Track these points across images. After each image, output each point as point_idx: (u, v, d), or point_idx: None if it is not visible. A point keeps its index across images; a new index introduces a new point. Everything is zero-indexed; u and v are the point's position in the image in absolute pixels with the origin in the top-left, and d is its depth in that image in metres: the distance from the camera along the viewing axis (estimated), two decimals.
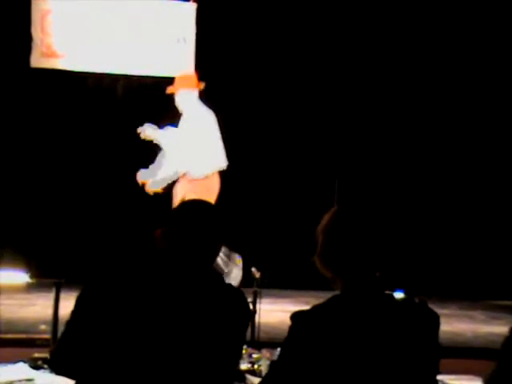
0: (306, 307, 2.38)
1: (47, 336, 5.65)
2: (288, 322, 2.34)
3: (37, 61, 9.24)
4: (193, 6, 9.55)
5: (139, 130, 7.10)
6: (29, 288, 6.87)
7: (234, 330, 2.54)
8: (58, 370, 2.57)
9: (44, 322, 6.00)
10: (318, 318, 2.32)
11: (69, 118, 9.19)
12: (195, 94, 7.27)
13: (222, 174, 7.10)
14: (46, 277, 6.46)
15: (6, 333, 5.88)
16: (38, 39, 9.24)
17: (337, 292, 2.39)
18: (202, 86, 7.36)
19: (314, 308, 2.36)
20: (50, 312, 5.77)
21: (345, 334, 2.30)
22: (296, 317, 2.34)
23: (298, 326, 2.32)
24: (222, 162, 7.13)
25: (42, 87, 9.25)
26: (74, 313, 2.55)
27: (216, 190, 7.01)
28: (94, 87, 8.14)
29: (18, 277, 6.14)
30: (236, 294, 2.58)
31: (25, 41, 9.13)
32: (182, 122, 7.15)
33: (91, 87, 8.96)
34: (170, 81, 9.24)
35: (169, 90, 7.26)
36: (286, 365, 2.34)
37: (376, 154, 9.89)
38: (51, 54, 9.28)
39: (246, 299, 2.60)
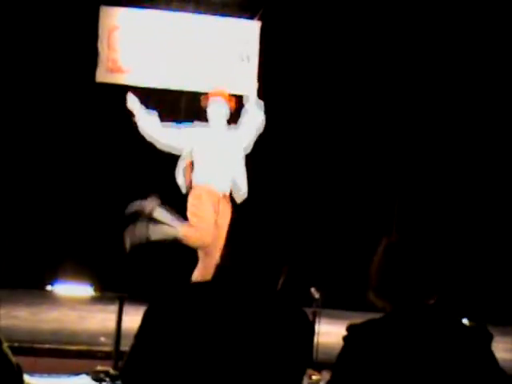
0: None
1: (108, 349, 5.73)
2: None
3: (102, 76, 9.39)
4: (257, 24, 9.61)
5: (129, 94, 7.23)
6: (92, 301, 6.98)
7: (297, 350, 2.57)
8: None
9: (104, 335, 6.09)
10: (372, 331, 2.45)
11: (132, 133, 9.29)
12: (226, 105, 7.32)
13: (281, 193, 7.16)
14: (110, 291, 6.55)
15: (69, 344, 5.98)
16: (104, 55, 9.39)
17: None
18: (234, 103, 7.44)
19: (369, 321, 2.51)
20: (110, 325, 5.87)
21: (397, 348, 2.44)
22: (351, 329, 2.47)
23: (353, 337, 2.46)
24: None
25: (106, 102, 9.37)
26: (141, 329, 2.60)
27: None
28: (158, 102, 8.20)
29: (82, 290, 6.24)
30: (300, 314, 2.61)
31: (91, 56, 9.30)
32: (211, 133, 7.19)
33: (155, 102, 9.05)
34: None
35: (202, 100, 7.39)
36: (341, 374, 2.44)
37: (436, 178, 9.83)
38: (117, 70, 9.42)
39: (309, 320, 2.64)
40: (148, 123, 7.25)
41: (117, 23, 9.40)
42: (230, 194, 7.22)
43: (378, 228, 9.21)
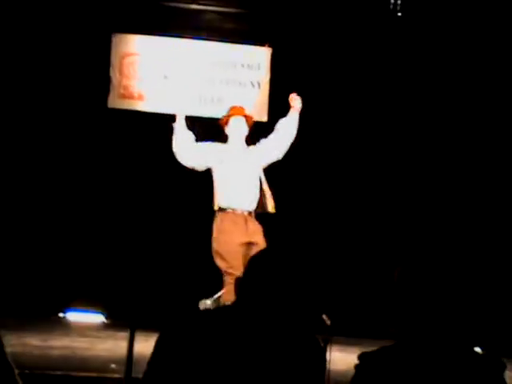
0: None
1: (117, 375, 5.72)
2: None
3: (114, 102, 9.47)
4: (268, 51, 9.68)
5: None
6: (103, 328, 6.98)
7: (308, 378, 2.57)
8: None
9: (115, 362, 6.07)
10: (384, 359, 2.42)
11: (144, 157, 9.33)
12: (244, 121, 7.35)
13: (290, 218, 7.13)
14: (121, 318, 6.55)
15: (80, 371, 5.96)
16: (116, 81, 9.48)
17: None
18: (253, 118, 7.48)
19: (381, 350, 2.48)
20: (120, 352, 5.85)
21: (409, 377, 2.41)
22: (364, 357, 2.44)
23: (365, 366, 2.42)
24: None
25: (118, 127, 9.42)
26: (153, 356, 2.60)
27: None
28: (170, 128, 8.23)
29: (94, 317, 6.25)
30: (312, 341, 2.61)
31: (103, 82, 9.36)
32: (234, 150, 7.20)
33: (167, 128, 9.08)
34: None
35: (223, 119, 7.38)
36: None
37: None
38: (129, 96, 9.50)
39: (321, 347, 2.63)
40: (185, 138, 7.25)
41: (129, 50, 9.50)
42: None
43: (388, 256, 9.20)
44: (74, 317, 6.26)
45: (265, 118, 9.58)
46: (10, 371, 2.86)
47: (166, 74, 9.50)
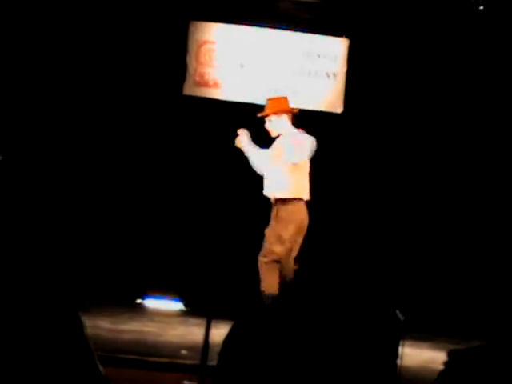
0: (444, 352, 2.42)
1: (189, 362, 5.76)
2: (429, 366, 2.36)
3: (190, 89, 9.51)
4: (344, 42, 9.59)
5: (240, 131, 7.29)
6: (177, 315, 7.01)
7: (380, 373, 2.53)
8: None
9: (186, 348, 6.11)
10: (476, 359, 2.35)
11: (217, 144, 9.33)
12: (285, 119, 7.34)
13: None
14: (199, 306, 6.56)
15: (150, 356, 6.00)
16: (191, 68, 9.51)
17: None
18: (296, 110, 7.46)
19: (473, 348, 2.39)
20: (191, 339, 5.88)
21: (500, 379, 2.31)
22: (453, 354, 2.38)
23: (454, 363, 2.37)
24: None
25: (193, 114, 9.46)
26: (225, 346, 2.58)
27: None
28: (244, 116, 8.25)
29: (171, 304, 6.28)
30: (383, 336, 2.57)
31: (180, 69, 9.41)
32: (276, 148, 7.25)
33: (242, 116, 9.09)
34: (319, 115, 9.38)
35: (259, 114, 7.44)
36: None
37: None
38: (204, 83, 9.52)
39: (392, 342, 2.59)
40: (259, 160, 7.37)
41: (206, 38, 9.53)
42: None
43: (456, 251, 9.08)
44: (151, 303, 6.31)
45: (340, 110, 9.52)
46: (89, 354, 2.87)
47: (242, 63, 9.50)
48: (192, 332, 6.18)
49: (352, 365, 2.42)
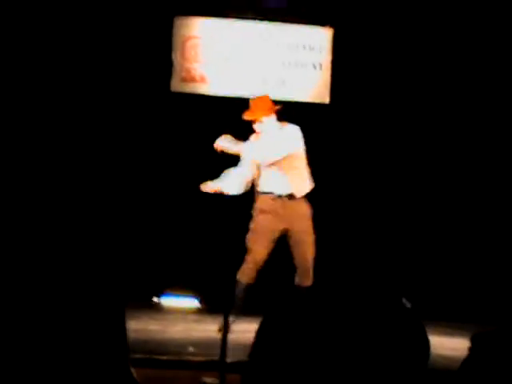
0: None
1: (197, 358, 5.80)
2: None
3: (177, 85, 9.51)
4: (329, 32, 9.62)
5: (215, 145, 7.18)
6: (198, 313, 6.98)
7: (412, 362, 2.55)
8: None
9: (193, 345, 6.14)
10: (501, 341, 2.36)
11: (207, 140, 9.31)
12: (273, 117, 7.28)
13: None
14: (215, 304, 6.55)
15: (156, 353, 6.00)
16: (178, 64, 9.50)
17: None
18: (279, 106, 7.33)
19: (498, 330, 2.40)
20: (196, 335, 5.86)
21: None
22: (478, 338, 2.39)
23: (480, 346, 2.37)
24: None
25: (181, 110, 9.44)
26: (257, 341, 2.59)
27: None
28: (231, 111, 8.23)
29: (189, 302, 6.26)
30: (391, 325, 2.59)
31: (166, 66, 9.39)
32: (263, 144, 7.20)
33: (229, 111, 9.08)
34: (306, 106, 9.39)
35: (246, 116, 7.25)
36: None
37: None
38: (191, 79, 9.52)
39: (424, 332, 2.62)
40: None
41: (191, 33, 9.53)
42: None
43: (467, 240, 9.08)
44: (168, 301, 6.29)
45: (327, 100, 9.56)
46: (126, 356, 2.88)
47: (228, 57, 9.50)
48: (196, 328, 6.17)
49: (382, 356, 2.45)
